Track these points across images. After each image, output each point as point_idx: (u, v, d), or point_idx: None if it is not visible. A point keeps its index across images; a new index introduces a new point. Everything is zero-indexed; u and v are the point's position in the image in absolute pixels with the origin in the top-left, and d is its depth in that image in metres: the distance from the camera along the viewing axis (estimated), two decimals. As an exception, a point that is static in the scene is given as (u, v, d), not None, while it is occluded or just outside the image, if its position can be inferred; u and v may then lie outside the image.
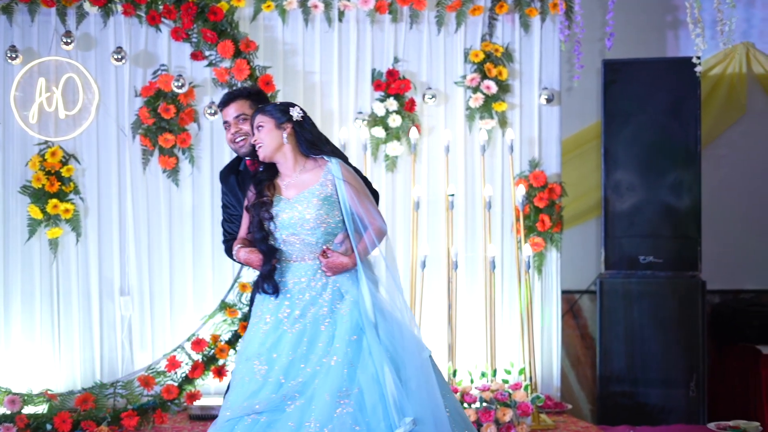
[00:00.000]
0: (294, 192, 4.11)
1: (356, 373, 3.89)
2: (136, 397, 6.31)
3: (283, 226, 4.07)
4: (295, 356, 3.93)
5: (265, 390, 3.90)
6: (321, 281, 4.06)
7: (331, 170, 4.10)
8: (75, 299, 6.63)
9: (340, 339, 3.95)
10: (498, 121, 6.87)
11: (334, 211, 4.09)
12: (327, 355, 3.92)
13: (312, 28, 6.81)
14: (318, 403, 3.82)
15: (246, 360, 4.01)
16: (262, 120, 4.13)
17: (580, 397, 7.41)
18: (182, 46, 6.63)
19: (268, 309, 4.06)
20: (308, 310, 4.02)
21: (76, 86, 6.58)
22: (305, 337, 3.96)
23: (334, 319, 4.01)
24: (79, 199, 6.61)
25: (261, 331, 4.04)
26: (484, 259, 6.66)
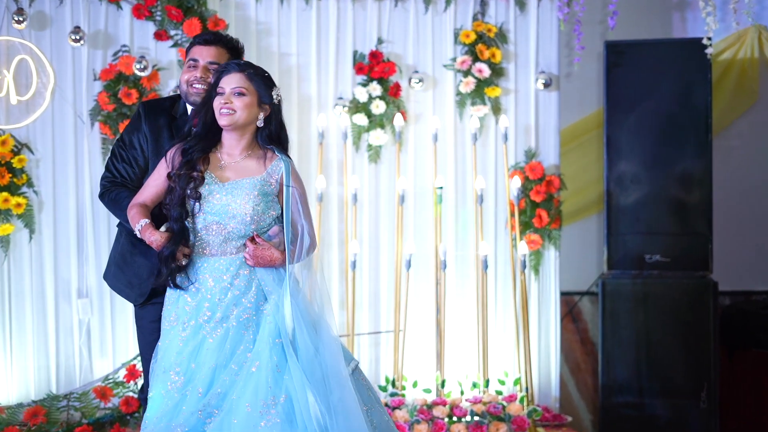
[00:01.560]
0: (231, 176, 3.75)
1: (283, 378, 3.56)
2: (92, 410, 6.02)
3: (210, 212, 3.71)
4: (217, 365, 3.61)
5: (183, 405, 3.58)
6: (245, 280, 3.71)
7: (281, 171, 3.77)
8: (28, 302, 6.33)
9: (263, 342, 3.64)
10: (491, 107, 6.61)
11: (270, 210, 3.78)
12: (248, 360, 3.60)
13: (288, 5, 6.55)
14: (239, 416, 3.50)
15: (163, 372, 3.67)
16: (246, 87, 3.75)
17: (580, 407, 7.14)
18: (145, 25, 6.35)
19: (185, 312, 3.71)
20: (230, 311, 3.69)
21: (29, 69, 6.30)
22: (228, 343, 3.65)
23: (257, 322, 3.69)
24: (33, 192, 6.31)
25: (179, 338, 3.69)
26: (476, 258, 6.43)
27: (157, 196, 3.85)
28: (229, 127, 3.74)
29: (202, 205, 3.69)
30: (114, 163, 4.23)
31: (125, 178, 4.17)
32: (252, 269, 3.71)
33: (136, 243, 4.09)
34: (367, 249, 6.47)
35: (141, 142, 4.18)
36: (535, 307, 6.63)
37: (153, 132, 4.15)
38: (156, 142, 4.13)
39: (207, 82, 4.03)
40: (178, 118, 4.17)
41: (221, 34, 4.26)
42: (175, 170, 3.75)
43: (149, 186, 3.87)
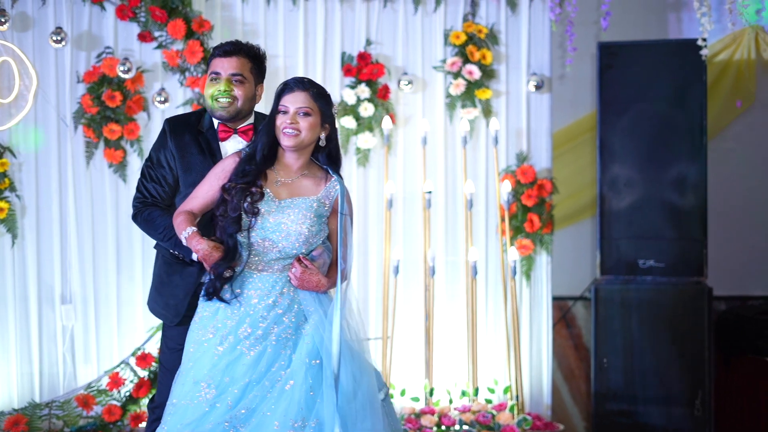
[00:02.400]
0: (286, 194, 3.74)
1: (315, 402, 3.54)
2: (74, 419, 5.97)
3: (264, 229, 3.68)
4: (250, 380, 3.57)
5: (210, 416, 3.53)
6: (288, 299, 3.70)
7: (336, 194, 3.77)
8: (11, 308, 6.27)
9: (299, 362, 3.61)
10: (482, 110, 6.57)
11: (322, 232, 3.79)
12: (282, 378, 3.57)
13: (275, 6, 6.50)
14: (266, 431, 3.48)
15: (194, 383, 3.62)
16: (309, 106, 3.72)
17: (573, 414, 7.07)
18: (129, 27, 6.29)
19: (225, 325, 3.66)
20: (271, 329, 3.67)
21: (11, 71, 6.23)
22: (264, 360, 3.61)
23: (295, 341, 3.66)
24: (15, 196, 6.25)
25: (214, 351, 3.64)
26: (466, 264, 6.37)
27: (205, 206, 3.81)
28: (292, 148, 3.71)
29: (257, 222, 3.66)
30: (144, 183, 4.17)
31: (155, 197, 4.11)
32: (296, 289, 3.69)
33: (172, 263, 4.09)
34: (355, 254, 6.36)
35: (168, 160, 4.11)
36: (526, 313, 6.59)
37: (180, 148, 4.09)
38: (183, 159, 4.07)
39: (232, 95, 3.98)
40: (204, 132, 4.11)
41: (241, 43, 4.17)
42: (231, 183, 3.72)
43: (197, 197, 3.82)
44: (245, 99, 4.03)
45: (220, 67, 4.04)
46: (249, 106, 4.09)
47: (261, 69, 4.15)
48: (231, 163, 3.80)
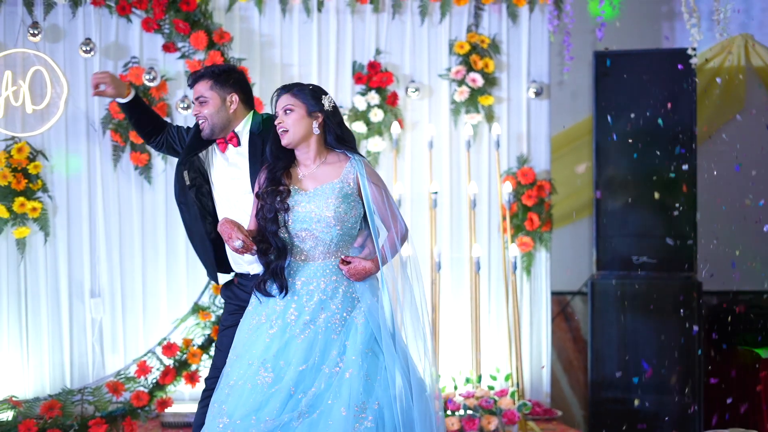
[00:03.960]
0: (312, 184, 3.90)
1: (374, 387, 3.71)
2: (105, 404, 6.16)
3: (297, 220, 3.86)
4: (307, 366, 3.73)
5: (273, 402, 3.69)
6: (332, 285, 3.85)
7: (356, 168, 3.90)
8: (44, 301, 6.47)
9: (355, 351, 3.76)
10: (484, 115, 6.75)
11: (353, 210, 3.90)
12: (341, 368, 3.74)
13: (290, 18, 6.68)
14: (334, 419, 3.64)
15: (248, 365, 3.78)
16: (290, 103, 3.90)
17: (572, 403, 7.24)
18: (154, 38, 6.49)
19: (274, 311, 3.85)
20: (318, 315, 3.81)
21: (43, 79, 6.41)
22: (317, 346, 3.76)
23: (347, 328, 3.81)
24: (48, 197, 6.44)
25: (265, 335, 3.82)
26: (470, 259, 6.51)
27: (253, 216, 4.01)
28: (290, 145, 3.90)
29: (290, 216, 3.84)
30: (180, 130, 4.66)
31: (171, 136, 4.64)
32: (339, 276, 3.84)
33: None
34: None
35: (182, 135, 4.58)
36: (527, 306, 6.74)
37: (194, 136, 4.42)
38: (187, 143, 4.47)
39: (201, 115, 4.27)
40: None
41: (201, 69, 4.41)
42: (261, 189, 3.91)
43: (252, 217, 4.01)
44: (213, 114, 4.27)
45: (195, 93, 4.33)
46: (223, 118, 4.30)
47: (225, 80, 4.33)
48: (261, 173, 4.01)
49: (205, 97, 4.28)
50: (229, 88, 4.32)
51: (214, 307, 6.27)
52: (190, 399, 6.31)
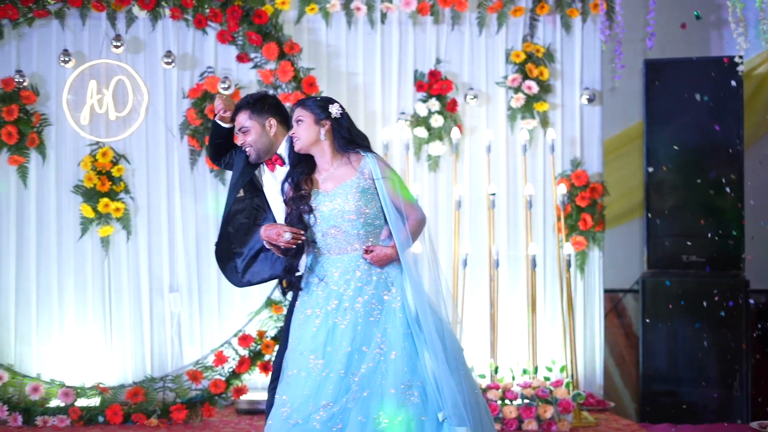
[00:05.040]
0: (332, 185, 4.16)
1: (416, 365, 3.97)
2: (185, 391, 6.46)
3: (324, 219, 4.12)
4: (352, 348, 3.99)
5: (327, 386, 3.95)
6: (366, 272, 4.11)
7: (369, 166, 4.16)
8: (126, 296, 6.80)
9: (395, 333, 4.01)
10: (539, 120, 6.95)
11: (372, 202, 4.14)
12: (384, 349, 4.00)
13: (355, 30, 6.94)
14: (384, 397, 3.90)
15: (300, 354, 4.05)
16: (301, 114, 4.19)
17: (624, 397, 7.40)
18: (228, 49, 6.78)
19: (316, 303, 4.11)
20: (355, 300, 4.06)
21: (126, 88, 6.75)
22: (359, 329, 4.02)
23: (385, 311, 4.07)
24: (130, 198, 6.78)
25: (312, 325, 4.08)
26: (526, 257, 6.71)
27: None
28: (302, 151, 4.18)
29: (316, 216, 4.12)
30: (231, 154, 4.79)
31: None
32: (370, 264, 4.10)
33: None
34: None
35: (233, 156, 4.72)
36: (580, 302, 6.93)
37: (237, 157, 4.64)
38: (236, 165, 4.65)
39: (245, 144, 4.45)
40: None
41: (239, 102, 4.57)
42: (287, 197, 4.20)
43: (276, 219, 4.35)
44: (256, 141, 4.46)
45: (240, 123, 4.50)
46: (266, 142, 4.48)
47: (261, 107, 4.49)
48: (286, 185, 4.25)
49: (246, 126, 4.47)
50: (266, 113, 4.51)
51: (286, 301, 6.48)
52: (263, 387, 6.53)
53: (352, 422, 3.87)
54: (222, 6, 6.60)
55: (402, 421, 3.85)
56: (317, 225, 4.14)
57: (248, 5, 6.60)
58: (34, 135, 6.70)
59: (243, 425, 6.26)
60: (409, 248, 4.15)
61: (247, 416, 6.47)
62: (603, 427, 6.30)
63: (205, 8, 6.64)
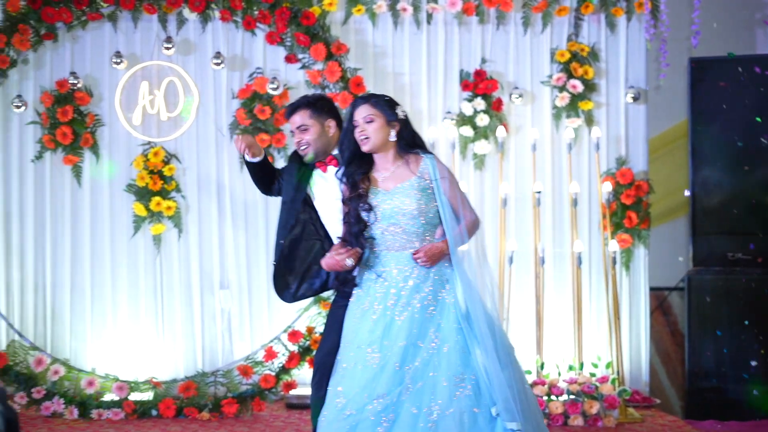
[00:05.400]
0: (392, 184, 4.22)
1: (469, 359, 4.03)
2: (236, 385, 6.57)
3: (385, 216, 4.19)
4: (407, 342, 4.05)
5: (382, 378, 4.02)
6: (423, 270, 4.16)
7: (429, 167, 4.22)
8: (177, 292, 6.94)
9: (448, 327, 4.08)
10: (584, 119, 6.99)
11: (432, 202, 4.20)
12: (438, 343, 4.06)
13: (401, 30, 7.01)
14: (437, 389, 3.97)
15: (357, 348, 4.12)
16: (372, 113, 4.21)
17: (670, 394, 7.39)
18: (277, 50, 6.88)
19: (375, 298, 4.18)
20: (413, 297, 4.12)
21: (176, 89, 6.89)
22: (415, 324, 4.08)
23: (440, 307, 4.13)
24: (181, 197, 6.91)
25: (370, 320, 4.15)
26: (571, 254, 6.76)
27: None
28: (371, 150, 4.23)
29: (377, 214, 4.19)
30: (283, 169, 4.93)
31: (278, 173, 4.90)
32: None
33: None
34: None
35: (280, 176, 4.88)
36: (626, 300, 6.95)
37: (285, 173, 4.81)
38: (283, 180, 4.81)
39: (304, 142, 4.60)
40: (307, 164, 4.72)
41: (296, 101, 4.72)
42: (345, 197, 4.27)
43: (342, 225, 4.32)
44: (315, 140, 4.60)
45: (290, 125, 4.68)
46: (324, 142, 4.63)
47: (322, 109, 4.64)
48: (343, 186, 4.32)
49: (306, 125, 4.60)
50: (325, 114, 4.64)
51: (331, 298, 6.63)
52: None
53: (405, 413, 3.93)
54: (271, 8, 6.69)
55: (454, 412, 3.91)
56: (377, 222, 4.20)
57: (296, 7, 6.69)
58: (88, 135, 6.85)
59: (292, 419, 6.36)
60: (461, 245, 4.21)
61: (297, 410, 6.57)
62: (649, 423, 6.32)
63: (254, 10, 6.75)
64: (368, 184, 4.26)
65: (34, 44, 6.80)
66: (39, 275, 6.95)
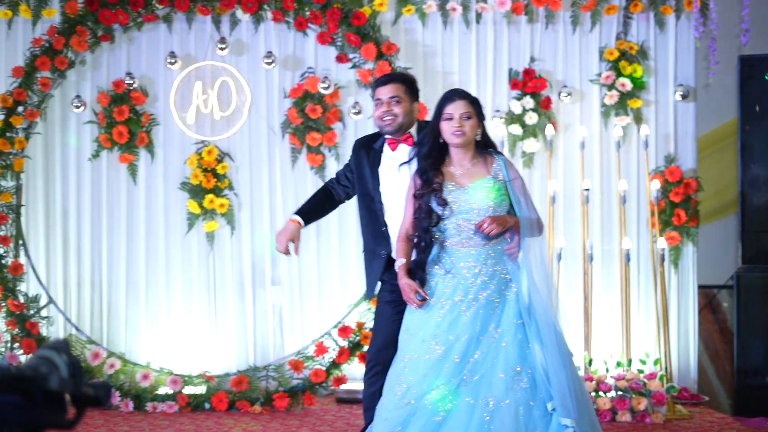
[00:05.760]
0: (468, 181, 4.33)
1: (527, 353, 4.13)
2: (287, 380, 6.68)
3: (459, 212, 4.29)
4: (469, 336, 4.16)
5: (444, 370, 4.13)
6: (491, 267, 4.27)
7: (502, 168, 4.35)
8: (230, 288, 7.05)
9: (508, 323, 4.18)
10: (633, 117, 7.00)
11: (503, 202, 4.31)
12: (497, 337, 4.17)
13: (450, 30, 7.08)
14: (494, 381, 4.08)
15: (422, 341, 4.22)
16: (469, 110, 4.32)
17: (719, 392, 7.36)
18: (328, 50, 6.98)
19: (443, 293, 4.27)
20: (480, 294, 4.22)
21: (229, 89, 7.01)
22: (479, 319, 4.19)
23: (502, 303, 4.23)
24: (233, 194, 7.03)
25: (437, 314, 4.24)
26: (620, 252, 6.79)
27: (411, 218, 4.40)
28: (460, 146, 4.33)
29: (452, 209, 4.28)
30: (339, 173, 5.06)
31: (340, 183, 5.00)
32: (495, 260, 4.27)
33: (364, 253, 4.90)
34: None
35: (350, 170, 4.96)
36: (674, 297, 6.96)
37: (356, 163, 4.88)
38: (357, 170, 4.87)
39: (392, 113, 4.66)
40: (376, 150, 4.82)
41: (393, 73, 4.84)
42: (418, 191, 4.35)
43: (407, 215, 4.42)
44: (404, 114, 4.67)
45: (381, 93, 4.73)
46: (408, 120, 4.71)
47: (413, 90, 4.79)
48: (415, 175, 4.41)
49: (400, 97, 4.68)
50: (415, 96, 4.78)
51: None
52: (361, 378, 6.61)
53: (461, 403, 4.04)
54: (322, 8, 6.79)
55: (510, 404, 4.01)
56: (450, 217, 4.30)
57: (347, 7, 6.78)
58: (144, 134, 7.00)
59: (342, 413, 6.46)
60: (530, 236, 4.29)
61: (346, 405, 6.66)
62: (697, 419, 6.33)
63: (306, 11, 6.85)
64: (442, 178, 4.35)
65: (92, 45, 6.96)
66: (95, 271, 7.11)
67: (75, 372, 1.47)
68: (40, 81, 6.88)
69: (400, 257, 4.41)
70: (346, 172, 5.02)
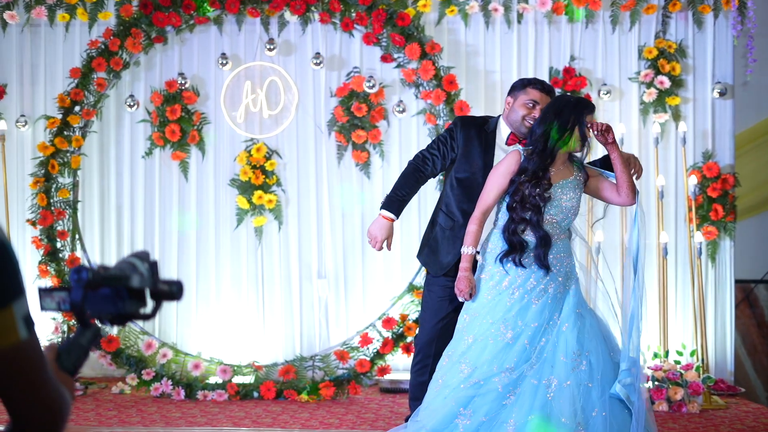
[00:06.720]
0: (558, 179, 4.55)
1: (584, 339, 4.40)
2: (332, 369, 6.83)
3: (551, 208, 4.52)
4: (537, 324, 4.42)
5: (511, 354, 4.38)
6: (561, 262, 4.55)
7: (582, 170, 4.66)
8: (277, 281, 7.22)
9: (568, 310, 4.47)
10: (671, 114, 7.09)
11: (580, 202, 4.61)
12: (558, 324, 4.44)
13: (492, 29, 7.21)
14: (556, 364, 4.35)
15: (491, 324, 4.46)
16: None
17: (757, 386, 7.49)
18: (373, 50, 7.14)
19: (515, 281, 4.50)
20: (549, 285, 4.49)
21: (278, 88, 7.19)
22: (547, 309, 4.45)
23: (566, 295, 4.52)
24: (281, 190, 7.19)
25: (507, 299, 4.48)
26: (658, 245, 6.88)
27: (497, 199, 4.59)
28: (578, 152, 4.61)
29: (548, 205, 4.48)
30: (431, 150, 5.09)
31: (427, 162, 5.05)
32: (565, 255, 4.55)
33: (447, 231, 5.02)
34: None
35: (451, 146, 5.01)
36: (711, 291, 7.05)
37: (465, 140, 4.97)
38: (465, 147, 4.96)
39: (534, 119, 4.76)
40: (489, 132, 4.97)
41: (545, 83, 4.96)
42: (527, 179, 4.49)
43: (491, 193, 4.57)
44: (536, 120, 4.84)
45: (540, 99, 4.85)
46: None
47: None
48: (514, 163, 4.51)
49: (542, 106, 4.79)
50: None
51: (421, 286, 6.87)
52: (405, 369, 6.81)
53: (526, 385, 4.31)
54: (367, 10, 6.95)
55: (571, 385, 4.27)
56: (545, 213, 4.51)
57: (392, 8, 6.93)
58: (195, 132, 7.19)
59: (386, 402, 6.60)
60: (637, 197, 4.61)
61: (390, 395, 6.81)
62: (733, 410, 6.42)
63: (352, 12, 7.02)
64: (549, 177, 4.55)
65: (146, 47, 7.16)
66: (148, 264, 7.30)
67: (153, 273, 1.77)
68: (96, 81, 7.09)
69: (469, 245, 4.58)
70: (442, 147, 5.04)
